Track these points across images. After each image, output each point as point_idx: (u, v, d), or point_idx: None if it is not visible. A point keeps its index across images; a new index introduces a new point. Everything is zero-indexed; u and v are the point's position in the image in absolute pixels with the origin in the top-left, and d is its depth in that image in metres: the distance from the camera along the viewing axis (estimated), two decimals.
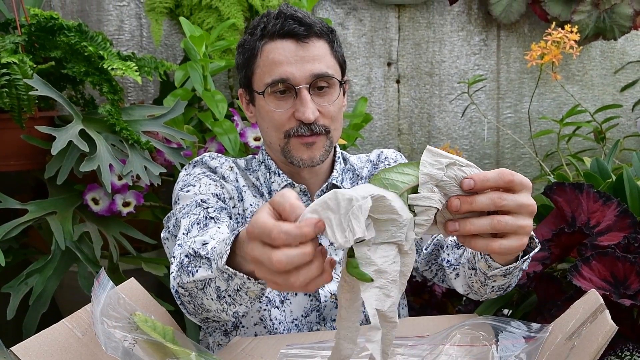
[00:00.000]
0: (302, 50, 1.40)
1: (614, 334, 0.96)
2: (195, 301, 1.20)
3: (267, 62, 1.42)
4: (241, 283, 1.03)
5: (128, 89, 2.69)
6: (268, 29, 1.42)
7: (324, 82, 1.42)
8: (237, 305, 1.11)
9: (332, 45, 1.46)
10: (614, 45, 2.93)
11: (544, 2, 2.66)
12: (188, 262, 1.19)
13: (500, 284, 1.30)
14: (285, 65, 1.40)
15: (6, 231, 1.95)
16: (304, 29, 1.40)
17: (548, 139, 2.88)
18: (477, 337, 1.15)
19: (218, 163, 1.53)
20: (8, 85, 1.91)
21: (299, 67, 1.39)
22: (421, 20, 2.84)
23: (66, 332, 1.11)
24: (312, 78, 1.40)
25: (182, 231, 1.35)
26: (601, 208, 1.59)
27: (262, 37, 1.43)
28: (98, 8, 2.65)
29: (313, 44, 1.42)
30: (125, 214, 2.13)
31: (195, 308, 1.22)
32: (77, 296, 2.05)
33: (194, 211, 1.39)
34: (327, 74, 1.42)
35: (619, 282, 1.42)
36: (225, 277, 1.05)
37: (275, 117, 1.42)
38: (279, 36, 1.41)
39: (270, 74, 1.41)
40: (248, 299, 1.08)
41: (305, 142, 1.42)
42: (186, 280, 1.18)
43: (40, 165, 2.14)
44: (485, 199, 0.88)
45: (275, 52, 1.41)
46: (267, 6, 2.42)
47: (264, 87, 1.42)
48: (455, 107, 2.88)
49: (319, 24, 1.43)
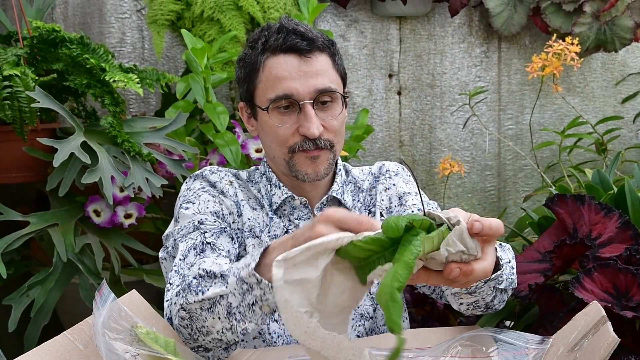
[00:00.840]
0: (305, 65, 1.39)
1: (616, 346, 0.96)
2: (195, 325, 1.19)
3: (270, 77, 1.41)
4: (260, 294, 1.04)
5: (130, 101, 2.70)
6: (270, 43, 1.41)
7: (327, 97, 1.41)
8: (246, 322, 1.10)
9: (333, 58, 1.45)
10: (614, 57, 2.94)
11: (544, 14, 2.67)
12: (197, 283, 1.18)
13: (470, 301, 1.30)
14: (288, 80, 1.38)
15: (8, 243, 1.96)
16: (306, 43, 1.39)
17: (549, 150, 2.88)
18: (478, 349, 1.15)
19: (218, 177, 1.52)
20: (10, 97, 1.92)
21: (302, 83, 1.38)
22: (422, 32, 2.84)
23: (68, 344, 1.11)
24: (316, 93, 1.39)
25: (178, 256, 1.35)
26: (603, 220, 1.59)
27: (264, 51, 1.42)
28: (100, 20, 2.66)
29: (316, 59, 1.41)
30: (126, 226, 2.13)
31: (192, 333, 1.21)
32: (79, 308, 2.05)
33: (192, 235, 1.38)
34: (330, 88, 1.41)
35: (621, 294, 1.42)
36: (243, 289, 1.06)
37: (279, 132, 1.41)
38: (282, 51, 1.40)
39: (273, 90, 1.40)
40: (260, 315, 1.08)
41: (311, 155, 1.41)
42: (192, 300, 1.17)
43: (42, 177, 2.15)
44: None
45: (278, 67, 1.40)
46: (269, 18, 2.42)
47: (268, 102, 1.41)
48: (456, 118, 2.89)
49: (321, 38, 1.43)
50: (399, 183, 1.56)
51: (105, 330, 1.06)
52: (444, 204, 2.83)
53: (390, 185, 1.56)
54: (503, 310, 1.79)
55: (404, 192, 1.54)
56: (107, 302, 1.10)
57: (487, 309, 1.35)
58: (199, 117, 2.43)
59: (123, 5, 2.66)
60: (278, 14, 2.44)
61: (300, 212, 1.49)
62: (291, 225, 1.48)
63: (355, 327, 1.47)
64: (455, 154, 2.89)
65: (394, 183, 1.56)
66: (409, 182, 1.58)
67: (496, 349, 1.16)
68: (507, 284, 1.28)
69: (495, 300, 1.32)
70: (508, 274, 1.28)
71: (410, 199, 1.52)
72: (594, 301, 1.10)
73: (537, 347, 1.13)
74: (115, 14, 2.66)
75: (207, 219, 1.42)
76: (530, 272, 1.63)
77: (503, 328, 1.64)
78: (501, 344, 1.16)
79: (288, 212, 1.49)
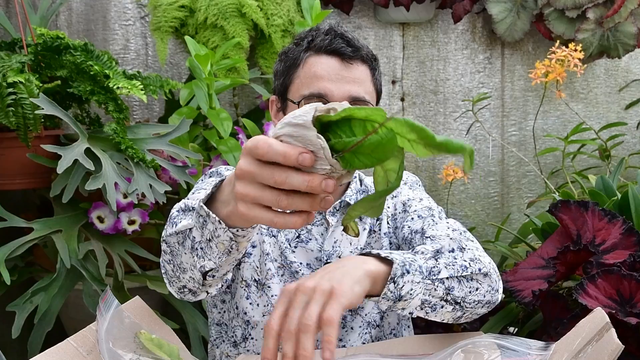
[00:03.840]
0: (345, 70, 1.40)
1: (620, 352, 0.95)
2: (175, 260, 1.18)
3: (308, 74, 1.42)
4: (213, 229, 1.00)
5: (133, 108, 2.70)
6: (316, 43, 1.43)
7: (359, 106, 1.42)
8: (205, 259, 1.08)
9: (373, 72, 1.46)
10: (618, 64, 2.94)
11: (548, 21, 2.67)
12: (176, 215, 1.20)
13: (403, 314, 1.22)
14: (325, 80, 1.40)
15: (11, 249, 1.96)
16: (351, 50, 1.41)
17: (553, 156, 2.88)
18: (481, 355, 1.15)
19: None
20: (14, 104, 1.93)
21: (338, 86, 1.39)
22: (425, 39, 2.85)
23: (71, 351, 1.11)
24: (350, 99, 1.39)
25: (188, 196, 1.37)
26: (606, 226, 1.59)
27: (308, 49, 1.44)
28: (104, 27, 2.67)
29: (357, 67, 1.42)
30: (130, 232, 2.13)
31: (174, 269, 1.19)
32: (82, 314, 2.05)
33: (203, 185, 1.42)
34: (364, 98, 1.41)
35: (625, 300, 1.42)
36: (200, 222, 1.02)
37: None
38: (326, 52, 1.41)
39: (308, 86, 1.41)
40: (217, 253, 1.05)
41: None
42: (170, 232, 1.17)
43: (45, 184, 2.15)
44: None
45: (319, 66, 1.41)
46: (273, 25, 2.43)
47: (300, 97, 1.42)
48: (459, 124, 2.89)
49: (366, 49, 1.44)
50: (405, 191, 1.57)
51: (109, 336, 1.06)
52: (448, 210, 2.83)
53: (397, 193, 1.56)
54: (507, 316, 1.79)
55: (408, 198, 1.54)
56: (110, 308, 1.10)
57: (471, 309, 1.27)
58: (202, 123, 2.43)
59: (127, 12, 2.67)
60: (281, 21, 2.45)
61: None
62: (303, 230, 1.48)
63: (362, 335, 1.47)
64: (458, 160, 2.89)
65: (401, 191, 1.56)
66: (416, 189, 1.58)
67: (499, 355, 1.15)
68: (452, 272, 1.22)
69: (469, 297, 1.25)
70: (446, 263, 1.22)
71: (414, 205, 1.52)
72: (598, 307, 1.10)
73: (540, 354, 1.13)
74: (119, 21, 2.67)
75: None
76: (534, 279, 1.63)
77: (506, 334, 1.64)
78: (504, 351, 1.16)
79: None
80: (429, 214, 1.49)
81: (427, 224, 1.45)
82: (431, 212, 1.50)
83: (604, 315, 1.05)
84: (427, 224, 1.45)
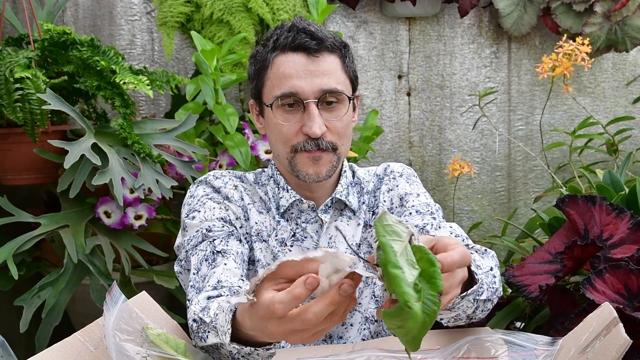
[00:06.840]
0: (312, 64, 1.39)
1: (628, 347, 0.95)
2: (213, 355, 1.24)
3: (277, 75, 1.41)
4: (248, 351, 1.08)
5: (140, 103, 2.71)
6: (280, 42, 1.41)
7: (333, 98, 1.41)
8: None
9: (343, 60, 1.45)
10: (625, 58, 2.93)
11: (555, 15, 2.66)
12: (197, 328, 1.21)
13: (450, 316, 1.27)
14: (294, 78, 1.39)
15: (19, 244, 1.97)
16: (315, 42, 1.39)
17: (560, 151, 2.87)
18: (488, 350, 1.15)
19: (222, 183, 1.52)
20: (21, 99, 1.93)
21: (308, 82, 1.38)
22: (432, 33, 2.84)
23: (78, 345, 1.11)
24: (321, 93, 1.39)
25: (192, 270, 1.38)
26: (614, 221, 1.58)
27: (274, 49, 1.43)
28: (110, 23, 2.67)
29: (324, 59, 1.41)
30: (137, 227, 2.14)
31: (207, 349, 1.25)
32: (90, 309, 2.05)
33: (201, 246, 1.40)
34: (336, 89, 1.40)
35: (633, 295, 1.41)
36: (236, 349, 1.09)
37: (283, 130, 1.41)
38: (291, 49, 1.40)
39: (279, 87, 1.40)
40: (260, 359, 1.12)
41: (312, 155, 1.40)
42: (200, 345, 1.21)
43: (52, 179, 2.16)
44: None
45: (286, 65, 1.40)
46: (278, 20, 2.43)
47: (273, 99, 1.41)
48: (466, 119, 2.88)
49: (331, 39, 1.42)
50: (402, 184, 1.55)
51: (116, 331, 1.06)
52: (454, 205, 2.82)
53: (394, 187, 1.55)
54: (514, 311, 1.79)
55: (405, 192, 1.53)
56: (117, 303, 1.11)
57: (469, 319, 1.31)
58: (208, 118, 2.44)
59: (133, 8, 2.67)
60: (287, 16, 2.44)
61: (307, 215, 1.49)
62: (298, 228, 1.48)
63: (360, 331, 1.47)
64: (465, 155, 2.88)
65: (397, 184, 1.55)
66: (413, 182, 1.57)
67: (506, 350, 1.15)
68: (489, 294, 1.27)
69: (478, 311, 1.29)
70: (489, 283, 1.27)
71: (411, 200, 1.51)
72: (605, 302, 1.09)
73: (546, 349, 1.12)
74: (125, 17, 2.67)
75: (214, 226, 1.43)
76: (541, 274, 1.63)
77: (513, 329, 1.64)
78: (511, 346, 1.16)
79: (295, 216, 1.49)
80: (427, 210, 1.49)
81: (427, 222, 1.45)
82: (429, 208, 1.50)
83: (611, 310, 1.05)
84: (427, 223, 1.45)
